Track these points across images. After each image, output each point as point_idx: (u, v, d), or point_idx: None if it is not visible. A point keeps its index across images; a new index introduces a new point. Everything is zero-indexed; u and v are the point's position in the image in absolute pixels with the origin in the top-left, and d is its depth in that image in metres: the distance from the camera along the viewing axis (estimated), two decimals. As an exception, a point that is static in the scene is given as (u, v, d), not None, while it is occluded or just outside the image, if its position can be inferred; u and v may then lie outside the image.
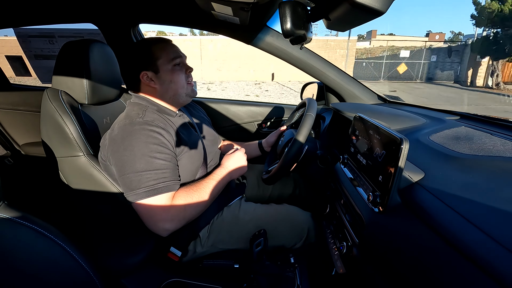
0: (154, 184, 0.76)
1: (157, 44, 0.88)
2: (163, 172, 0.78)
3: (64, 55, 0.88)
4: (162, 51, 0.87)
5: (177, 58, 0.89)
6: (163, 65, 0.87)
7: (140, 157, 0.76)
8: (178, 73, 0.90)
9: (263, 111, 1.67)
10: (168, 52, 0.88)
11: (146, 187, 0.75)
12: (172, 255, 0.88)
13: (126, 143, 0.77)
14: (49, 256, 0.52)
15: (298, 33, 0.60)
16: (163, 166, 0.78)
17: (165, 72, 0.88)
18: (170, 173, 0.80)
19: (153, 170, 0.76)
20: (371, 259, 0.60)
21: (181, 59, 0.90)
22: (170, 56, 0.88)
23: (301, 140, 0.91)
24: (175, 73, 0.89)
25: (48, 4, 1.20)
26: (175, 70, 0.89)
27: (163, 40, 0.90)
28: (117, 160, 0.78)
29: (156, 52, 0.87)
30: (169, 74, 0.88)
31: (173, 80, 0.89)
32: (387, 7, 0.43)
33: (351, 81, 1.36)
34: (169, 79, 0.89)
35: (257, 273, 0.71)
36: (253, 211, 0.98)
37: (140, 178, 0.75)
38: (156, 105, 0.89)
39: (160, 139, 0.79)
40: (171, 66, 0.88)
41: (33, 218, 0.51)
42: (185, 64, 0.93)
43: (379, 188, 0.59)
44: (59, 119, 0.82)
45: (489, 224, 0.40)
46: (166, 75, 0.88)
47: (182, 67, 0.91)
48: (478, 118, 0.94)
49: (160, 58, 0.87)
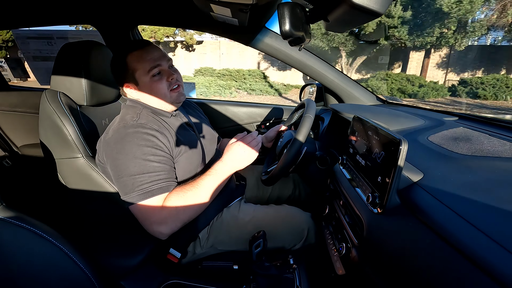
0: (148, 187, 0.76)
1: (133, 53, 0.84)
2: (158, 175, 0.78)
3: (63, 57, 0.88)
4: (138, 62, 0.83)
5: (154, 68, 0.84)
6: (140, 77, 0.84)
7: (133, 160, 0.75)
8: (157, 83, 0.85)
9: (262, 112, 1.67)
10: (144, 62, 0.83)
11: (139, 190, 0.75)
12: (172, 256, 0.87)
13: (119, 146, 0.76)
14: (48, 258, 0.52)
15: (297, 34, 0.60)
16: (157, 168, 0.78)
17: (144, 84, 0.85)
18: (165, 175, 0.79)
19: (147, 173, 0.76)
20: (371, 260, 0.60)
21: (160, 68, 0.85)
22: (147, 67, 0.83)
23: (300, 141, 0.91)
24: (154, 84, 0.85)
25: (47, 6, 1.20)
26: (154, 80, 0.85)
27: (139, 46, 0.85)
28: (112, 164, 0.78)
29: (131, 64, 0.83)
30: (148, 85, 0.85)
31: (152, 91, 0.85)
32: (385, 8, 0.43)
33: (350, 82, 1.36)
34: (149, 91, 0.85)
35: (257, 274, 0.71)
36: (252, 212, 0.98)
37: (134, 181, 0.75)
38: (150, 108, 0.88)
39: (154, 141, 0.79)
40: (149, 78, 0.84)
41: (32, 219, 0.50)
42: (166, 71, 0.87)
43: (378, 189, 0.59)
44: (57, 121, 0.82)
45: (488, 224, 0.40)
46: (146, 87, 0.85)
47: (162, 76, 0.86)
48: (476, 119, 0.94)
49: (136, 70, 0.83)
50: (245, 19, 0.96)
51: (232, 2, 0.75)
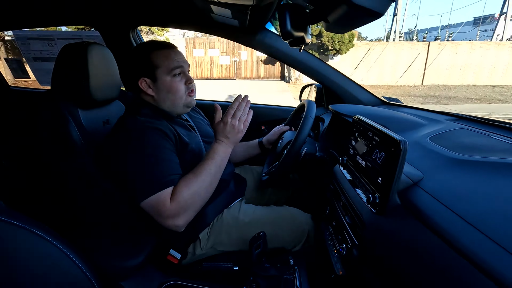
0: (158, 181, 0.75)
1: (158, 51, 0.85)
2: (167, 169, 0.78)
3: (63, 58, 0.88)
4: (163, 60, 0.85)
5: (177, 68, 0.86)
6: (162, 74, 0.85)
7: (142, 156, 0.76)
8: (178, 84, 0.87)
9: (262, 113, 1.67)
10: (169, 62, 0.85)
11: (151, 183, 0.75)
12: (172, 257, 0.87)
13: (126, 143, 0.77)
14: (47, 259, 0.52)
15: (297, 35, 0.60)
16: (165, 162, 0.78)
17: (163, 81, 0.86)
18: (173, 169, 0.80)
19: (157, 168, 0.76)
20: (371, 261, 0.60)
21: (181, 69, 0.87)
22: (170, 66, 0.85)
23: (300, 142, 0.91)
24: (174, 83, 0.86)
25: (47, 7, 1.20)
26: (174, 80, 0.86)
27: (165, 47, 0.87)
28: (120, 161, 0.77)
29: (155, 60, 0.84)
30: (167, 84, 0.86)
31: (171, 90, 0.86)
32: (386, 9, 0.43)
33: (350, 83, 1.36)
34: (167, 89, 0.86)
35: (257, 276, 0.71)
36: (252, 213, 0.97)
37: (143, 176, 0.75)
38: (155, 108, 0.89)
39: (160, 139, 0.80)
40: (170, 77, 0.86)
41: (31, 220, 0.50)
42: (186, 74, 0.89)
43: (379, 190, 0.59)
44: (57, 122, 0.82)
45: (488, 226, 0.40)
46: (164, 85, 0.86)
47: (183, 78, 0.88)
48: (476, 120, 0.94)
49: (159, 67, 0.85)
50: (245, 20, 0.96)
51: (232, 3, 0.75)
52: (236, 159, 1.26)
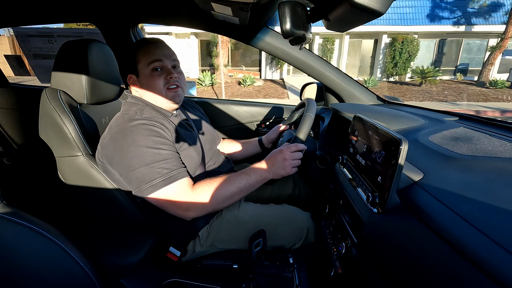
0: (168, 173, 0.76)
1: (143, 46, 0.86)
2: (172, 161, 0.79)
3: (63, 55, 0.88)
4: (143, 54, 0.85)
5: (155, 62, 0.85)
6: (142, 69, 0.86)
7: (146, 150, 0.76)
8: (155, 79, 0.86)
9: (262, 111, 1.67)
10: (148, 56, 0.85)
11: (161, 176, 0.76)
12: (171, 255, 0.88)
13: (129, 139, 0.76)
14: (48, 256, 0.52)
15: (297, 33, 0.60)
16: (170, 155, 0.79)
17: (144, 76, 0.86)
18: (178, 162, 0.81)
19: (162, 161, 0.77)
20: (370, 260, 0.60)
21: (160, 63, 0.86)
22: (148, 60, 0.85)
23: (300, 141, 0.91)
24: (152, 79, 0.86)
25: (47, 3, 1.20)
26: (153, 75, 0.86)
27: (150, 42, 0.88)
28: (123, 157, 0.77)
29: (138, 56, 0.86)
30: (146, 79, 0.86)
31: (150, 85, 0.87)
32: (386, 8, 0.43)
33: (351, 82, 1.36)
34: (147, 84, 0.87)
35: (256, 273, 0.71)
36: (252, 211, 0.98)
37: (152, 170, 0.75)
38: (151, 105, 0.89)
39: (161, 132, 0.80)
40: (149, 71, 0.86)
41: (32, 217, 0.51)
42: (167, 69, 0.88)
43: (378, 189, 0.59)
44: (57, 119, 0.82)
45: (488, 225, 0.40)
46: (144, 80, 0.87)
47: (162, 72, 0.87)
48: (477, 119, 0.94)
49: (140, 62, 0.86)
50: (246, 18, 0.96)
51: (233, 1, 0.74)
52: (236, 157, 1.26)
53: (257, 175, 0.86)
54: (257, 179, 0.86)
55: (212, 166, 1.03)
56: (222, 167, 1.07)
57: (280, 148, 0.89)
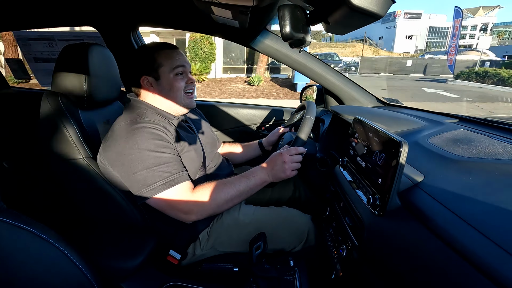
0: (169, 176, 0.77)
1: (162, 50, 0.88)
2: (174, 164, 0.79)
3: (64, 58, 0.88)
4: (166, 59, 0.87)
5: (179, 67, 0.88)
6: (164, 72, 0.87)
7: (148, 153, 0.76)
8: (178, 81, 0.89)
9: (262, 114, 1.68)
10: (172, 60, 0.88)
11: (162, 179, 0.76)
12: (172, 258, 0.87)
13: (131, 142, 0.77)
14: (48, 260, 0.52)
15: (297, 36, 0.60)
16: (171, 159, 0.79)
17: (165, 79, 0.88)
18: (179, 165, 0.81)
19: (163, 164, 0.77)
20: (371, 262, 0.60)
21: (183, 68, 0.90)
22: (173, 65, 0.87)
23: (300, 143, 0.91)
24: (175, 82, 0.88)
25: (48, 7, 1.21)
26: (176, 78, 0.89)
27: (170, 47, 0.90)
28: (125, 160, 0.77)
29: (159, 59, 0.87)
30: (169, 81, 0.88)
31: (172, 88, 0.88)
32: (385, 11, 0.43)
33: (350, 84, 1.36)
34: (169, 86, 0.88)
35: (257, 277, 0.71)
36: (252, 213, 0.97)
37: (153, 173, 0.76)
38: (155, 109, 0.89)
39: (163, 136, 0.80)
40: (172, 75, 0.88)
41: (32, 221, 0.50)
42: (187, 74, 0.92)
43: (379, 191, 0.59)
44: (58, 122, 0.82)
45: (489, 227, 0.40)
46: (167, 83, 0.88)
47: (184, 77, 0.91)
48: (477, 121, 0.94)
49: (162, 65, 0.87)
50: (246, 21, 0.96)
51: (233, 4, 0.75)
52: (237, 160, 1.27)
53: (257, 178, 0.86)
54: (257, 182, 0.86)
55: (213, 168, 1.03)
56: (223, 170, 1.07)
57: (280, 151, 0.89)
